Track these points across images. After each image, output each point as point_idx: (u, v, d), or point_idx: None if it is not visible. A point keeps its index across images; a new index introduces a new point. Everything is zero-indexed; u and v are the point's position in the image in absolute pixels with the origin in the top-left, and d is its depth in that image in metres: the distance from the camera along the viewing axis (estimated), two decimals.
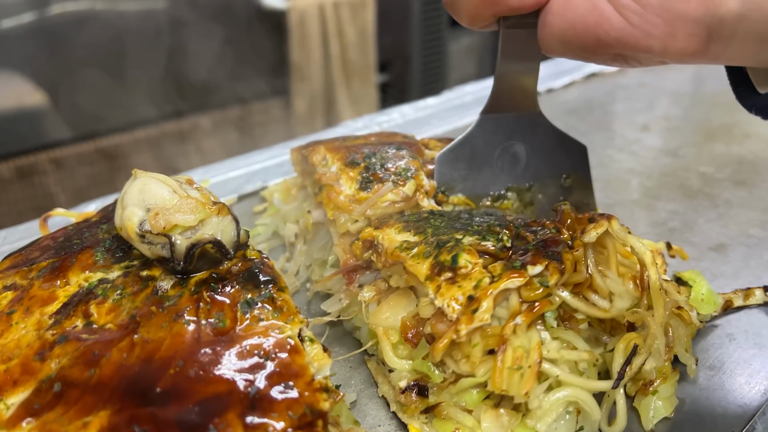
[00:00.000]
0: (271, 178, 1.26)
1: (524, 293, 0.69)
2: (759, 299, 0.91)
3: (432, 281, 0.71)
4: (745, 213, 1.16)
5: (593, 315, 0.73)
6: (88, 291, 0.71)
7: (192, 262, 0.69)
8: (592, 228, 0.75)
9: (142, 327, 0.65)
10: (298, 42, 3.39)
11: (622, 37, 0.59)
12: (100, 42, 2.78)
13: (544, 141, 0.89)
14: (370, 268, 0.83)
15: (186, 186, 0.76)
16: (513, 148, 0.89)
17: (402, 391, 0.73)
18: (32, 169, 2.80)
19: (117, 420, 0.57)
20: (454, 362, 0.70)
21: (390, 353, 0.75)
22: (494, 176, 0.90)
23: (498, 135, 0.87)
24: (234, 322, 0.66)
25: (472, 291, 0.68)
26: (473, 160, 0.89)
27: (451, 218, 0.82)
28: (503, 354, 0.67)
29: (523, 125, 0.87)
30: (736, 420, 0.73)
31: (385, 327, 0.76)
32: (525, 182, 0.91)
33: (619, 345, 0.73)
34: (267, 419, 0.58)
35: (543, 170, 0.91)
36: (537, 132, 0.88)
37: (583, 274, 0.73)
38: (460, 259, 0.72)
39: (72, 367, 0.62)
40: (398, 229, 0.81)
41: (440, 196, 0.90)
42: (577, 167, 0.92)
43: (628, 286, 0.76)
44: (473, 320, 0.67)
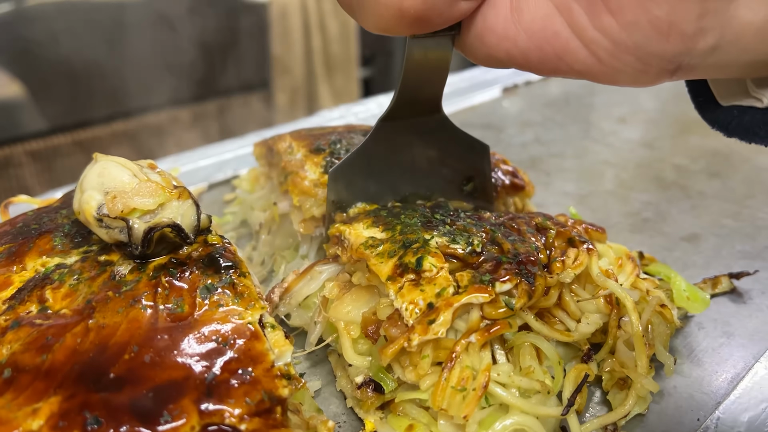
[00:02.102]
0: (242, 167, 1.24)
1: (486, 310, 0.67)
2: (725, 287, 0.91)
3: (393, 282, 0.69)
4: (718, 204, 1.17)
5: (555, 338, 0.71)
6: (45, 276, 0.69)
7: (150, 247, 0.68)
8: (571, 266, 0.72)
9: (98, 312, 0.64)
10: (280, 35, 3.36)
11: (587, 71, 0.54)
12: (77, 33, 2.74)
13: (447, 144, 0.84)
14: (337, 261, 0.81)
15: (147, 170, 0.74)
16: (413, 154, 0.84)
17: (358, 387, 0.71)
18: (8, 162, 2.76)
19: (68, 406, 0.56)
20: (401, 368, 0.68)
21: (349, 349, 0.73)
22: (394, 185, 0.85)
23: (398, 142, 0.82)
24: (193, 307, 0.64)
25: (433, 298, 0.66)
26: (371, 170, 0.83)
27: (425, 215, 0.79)
28: (449, 372, 0.64)
29: (424, 130, 0.81)
30: (702, 407, 0.73)
31: (346, 321, 0.74)
32: (426, 189, 0.86)
33: (570, 374, 0.70)
34: (223, 405, 0.57)
35: (444, 175, 0.86)
36: (439, 135, 0.83)
37: (552, 300, 0.71)
38: (425, 262, 0.69)
39: (24, 353, 0.60)
40: (367, 224, 0.78)
41: (338, 215, 0.83)
42: (478, 168, 0.87)
43: (599, 304, 0.74)
44: (428, 331, 0.64)
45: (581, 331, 0.72)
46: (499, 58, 0.58)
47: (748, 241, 1.05)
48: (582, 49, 0.52)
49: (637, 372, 0.70)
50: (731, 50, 0.48)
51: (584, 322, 0.73)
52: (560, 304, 0.73)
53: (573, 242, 0.76)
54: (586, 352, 0.73)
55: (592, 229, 0.83)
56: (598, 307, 0.74)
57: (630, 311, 0.72)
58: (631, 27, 0.48)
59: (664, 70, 0.51)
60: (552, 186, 1.24)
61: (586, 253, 0.74)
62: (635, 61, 0.50)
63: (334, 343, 0.78)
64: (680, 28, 0.47)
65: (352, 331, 0.73)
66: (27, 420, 0.54)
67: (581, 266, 0.73)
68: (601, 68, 0.52)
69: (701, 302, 0.85)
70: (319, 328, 0.79)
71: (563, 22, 0.52)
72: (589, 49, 0.52)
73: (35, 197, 1.02)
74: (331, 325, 0.76)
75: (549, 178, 1.27)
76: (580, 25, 0.51)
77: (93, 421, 0.54)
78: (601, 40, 0.51)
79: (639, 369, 0.71)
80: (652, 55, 0.49)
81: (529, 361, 0.68)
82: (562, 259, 0.73)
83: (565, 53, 0.53)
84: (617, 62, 0.51)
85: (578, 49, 0.52)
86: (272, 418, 0.58)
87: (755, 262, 0.99)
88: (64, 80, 2.75)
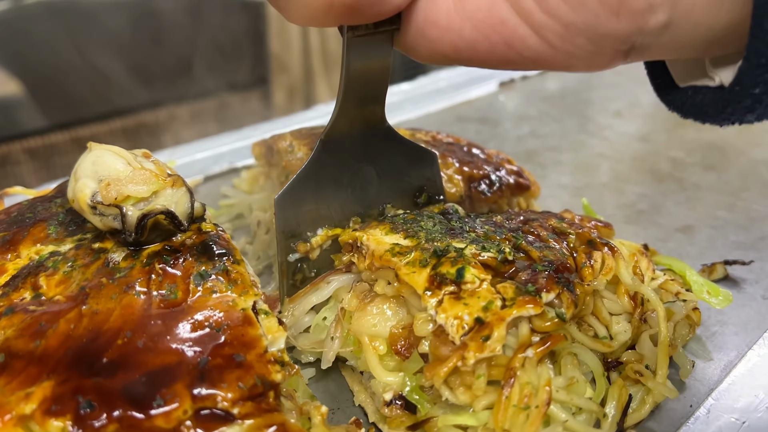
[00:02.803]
0: (238, 160, 1.24)
1: (536, 323, 0.63)
2: (720, 274, 0.91)
3: (432, 294, 0.64)
4: (712, 196, 1.17)
5: (597, 350, 0.68)
6: (39, 264, 0.69)
7: (144, 234, 0.68)
8: (600, 272, 0.70)
9: (92, 298, 0.64)
10: (278, 33, 3.37)
11: (538, 58, 0.52)
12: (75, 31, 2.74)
13: (394, 156, 0.80)
14: (350, 270, 0.77)
15: (141, 159, 0.74)
16: (361, 171, 0.79)
17: (386, 404, 0.67)
18: (6, 159, 2.76)
19: (60, 391, 0.56)
20: (450, 390, 0.63)
21: (378, 366, 0.68)
22: (345, 207, 0.80)
23: (344, 157, 0.77)
24: (186, 294, 0.65)
25: (480, 313, 0.61)
26: (319, 195, 0.78)
27: (443, 222, 0.76)
28: (510, 389, 0.60)
29: (370, 143, 0.77)
30: (695, 394, 0.73)
31: (371, 335, 0.69)
32: (378, 204, 0.82)
33: (613, 392, 0.67)
34: (216, 390, 0.57)
35: (395, 188, 0.82)
36: (386, 148, 0.79)
37: (590, 309, 0.69)
38: (467, 273, 0.64)
39: (17, 338, 0.61)
40: (385, 230, 0.74)
41: (300, 246, 0.78)
42: (429, 177, 0.84)
43: (624, 304, 0.71)
44: (483, 349, 0.60)
45: (619, 340, 0.69)
46: (444, 53, 0.56)
47: (742, 233, 1.05)
48: (531, 35, 0.51)
49: (656, 381, 0.68)
50: (683, 26, 0.47)
51: (619, 329, 0.70)
52: (592, 311, 0.70)
53: (594, 244, 0.72)
54: (613, 362, 0.70)
55: (600, 226, 0.82)
56: (623, 306, 0.71)
57: (660, 319, 0.69)
58: (580, 7, 0.47)
59: (617, 51, 0.50)
60: (548, 179, 1.24)
61: (612, 257, 0.71)
62: (587, 43, 0.49)
63: (354, 358, 0.74)
64: (630, 6, 0.46)
65: (379, 346, 0.69)
66: (20, 404, 0.55)
67: (611, 271, 0.70)
68: (553, 53, 0.51)
69: (724, 297, 0.82)
70: (338, 343, 0.74)
71: (509, 8, 0.50)
72: (539, 35, 0.50)
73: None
74: (350, 338, 0.72)
75: (545, 171, 1.28)
76: (526, 9, 0.49)
77: (86, 405, 0.54)
78: (550, 23, 0.49)
79: (658, 378, 0.68)
80: (604, 35, 0.48)
81: (572, 372, 0.66)
82: (591, 264, 0.70)
83: (513, 40, 0.51)
84: (569, 46, 0.50)
85: (527, 35, 0.51)
86: (265, 402, 0.58)
87: (749, 253, 0.99)
88: (62, 78, 2.75)
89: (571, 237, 0.73)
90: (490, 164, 0.98)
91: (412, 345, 0.67)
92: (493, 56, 0.53)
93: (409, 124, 1.48)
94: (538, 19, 0.49)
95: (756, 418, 0.70)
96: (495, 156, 1.02)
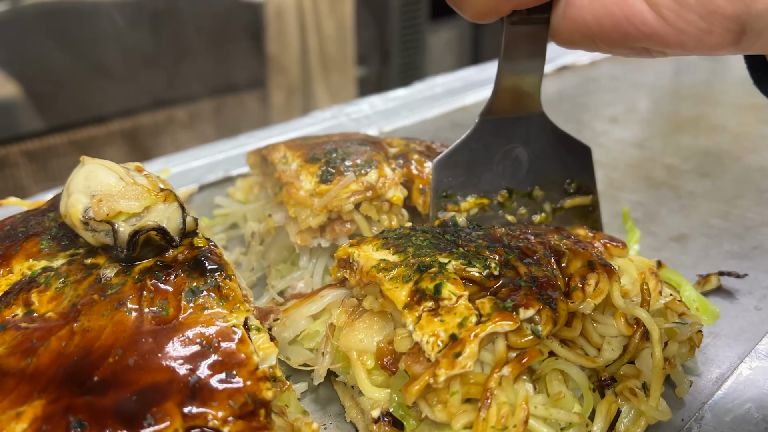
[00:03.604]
0: (234, 168, 1.24)
1: (512, 339, 0.63)
2: (714, 284, 0.92)
3: (410, 310, 0.64)
4: (707, 204, 1.17)
5: (581, 364, 0.68)
6: (31, 279, 0.69)
7: (136, 250, 0.68)
8: (591, 295, 0.69)
9: (83, 315, 0.64)
10: (276, 34, 3.36)
11: (654, 33, 0.58)
12: (73, 33, 2.74)
13: (547, 143, 0.85)
14: (344, 286, 0.78)
15: (134, 173, 0.74)
16: (514, 151, 0.85)
17: (374, 421, 0.67)
18: (3, 162, 2.76)
19: (51, 410, 0.56)
20: (429, 407, 0.63)
21: (366, 381, 0.68)
22: (494, 181, 0.86)
23: (498, 138, 0.83)
24: (177, 310, 0.65)
25: (455, 329, 0.61)
26: (472, 165, 0.85)
27: (435, 236, 0.76)
28: (487, 410, 0.60)
29: (524, 127, 0.83)
30: (686, 407, 0.74)
31: (359, 350, 0.69)
32: (526, 186, 0.88)
33: (602, 407, 0.67)
34: (206, 408, 0.57)
35: (546, 174, 0.88)
36: (539, 134, 0.84)
37: (576, 331, 0.68)
38: (444, 289, 0.65)
39: (8, 356, 0.61)
40: (376, 246, 0.74)
41: (450, 207, 0.85)
42: (581, 170, 0.90)
43: (620, 326, 0.70)
44: (454, 366, 0.60)
45: (605, 357, 0.69)
46: (581, 31, 0.63)
47: (736, 241, 1.05)
48: (648, 11, 0.57)
49: (648, 404, 0.68)
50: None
51: (607, 348, 0.69)
52: (582, 333, 0.69)
53: (593, 265, 0.72)
54: (606, 379, 0.70)
55: (611, 245, 0.81)
56: (619, 329, 0.70)
57: (655, 342, 0.68)
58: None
59: (728, 32, 0.54)
60: None
61: (607, 279, 0.70)
62: (698, 19, 0.54)
63: (344, 374, 0.74)
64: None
65: (367, 361, 0.69)
66: (11, 423, 0.55)
67: (602, 294, 0.69)
68: (667, 29, 0.57)
69: (710, 315, 0.84)
70: (329, 359, 0.74)
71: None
72: (655, 10, 0.56)
73: (30, 197, 1.02)
74: (340, 354, 0.72)
75: None
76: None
77: (77, 424, 0.54)
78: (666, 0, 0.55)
79: (651, 401, 0.68)
80: (714, 13, 0.53)
81: (557, 387, 0.66)
82: (581, 286, 0.70)
83: (633, 16, 0.58)
84: (681, 21, 0.55)
85: (645, 10, 0.57)
86: (256, 420, 0.58)
87: (743, 262, 0.99)
88: (60, 80, 2.75)
89: (564, 257, 0.73)
90: None
91: (398, 359, 0.67)
92: (617, 31, 0.60)
93: (405, 130, 1.48)
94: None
95: (747, 431, 0.70)
96: None
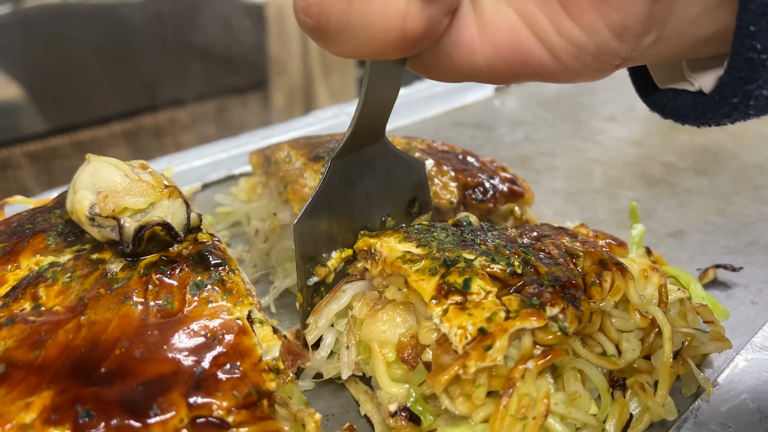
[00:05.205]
0: (236, 167, 1.26)
1: (539, 335, 0.64)
2: (710, 278, 0.93)
3: (438, 302, 0.65)
4: (704, 201, 1.18)
5: (602, 366, 0.69)
6: (38, 274, 0.71)
7: (141, 245, 0.69)
8: (609, 292, 0.71)
9: (90, 309, 0.65)
10: (277, 35, 3.38)
11: (548, 73, 0.56)
12: (75, 35, 2.75)
13: (390, 168, 0.81)
14: (364, 277, 0.78)
15: (139, 170, 0.76)
16: (365, 185, 0.80)
17: (391, 415, 0.68)
18: (6, 163, 2.77)
19: (60, 400, 0.57)
20: (450, 399, 0.64)
21: (384, 374, 0.69)
22: (353, 223, 0.81)
23: (351, 176, 0.78)
24: (182, 304, 0.66)
25: (484, 324, 0.62)
26: (332, 213, 0.79)
27: (455, 234, 0.77)
28: (508, 399, 0.61)
29: (370, 159, 0.78)
30: (682, 398, 0.75)
31: (381, 342, 0.70)
32: (380, 217, 0.83)
33: (614, 410, 0.68)
34: (211, 399, 0.58)
35: (392, 200, 0.84)
36: (383, 161, 0.80)
37: (596, 326, 0.69)
38: (473, 284, 0.66)
39: (17, 349, 0.62)
40: (398, 238, 0.75)
41: (318, 269, 0.79)
42: (418, 186, 0.86)
43: (637, 320, 0.71)
44: (485, 358, 0.61)
45: (627, 358, 0.70)
46: (463, 72, 0.58)
47: (732, 237, 1.07)
48: (546, 55, 0.55)
49: (655, 401, 0.69)
50: (671, 38, 0.52)
51: (627, 347, 0.70)
52: (600, 328, 0.70)
53: (605, 264, 0.73)
54: (619, 379, 0.71)
55: (613, 244, 0.83)
56: (635, 323, 0.71)
57: (665, 340, 0.69)
58: (591, 31, 0.52)
59: (614, 66, 0.55)
60: (541, 184, 1.25)
61: (622, 278, 0.72)
62: (593, 61, 0.54)
63: (364, 365, 0.75)
64: (631, 30, 0.50)
65: (388, 354, 0.70)
66: (20, 413, 0.56)
67: (620, 293, 0.71)
68: (563, 69, 0.55)
69: (721, 313, 0.84)
70: (354, 351, 0.75)
71: (527, 30, 0.55)
72: (553, 54, 0.54)
73: (32, 198, 1.04)
74: (363, 345, 0.73)
75: (538, 176, 1.29)
76: (543, 31, 0.54)
77: (84, 414, 0.56)
78: (564, 44, 0.53)
79: (658, 398, 0.69)
80: (608, 54, 0.53)
81: (574, 386, 0.66)
82: (599, 283, 0.71)
83: (530, 60, 0.55)
84: (577, 63, 0.54)
85: (543, 55, 0.55)
86: (259, 410, 0.59)
87: (739, 258, 1.01)
88: (63, 81, 2.76)
89: (580, 259, 0.74)
90: (484, 172, 0.99)
91: (419, 353, 0.68)
92: (509, 71, 0.58)
93: (405, 129, 1.49)
94: (554, 41, 0.54)
95: (742, 422, 0.71)
96: (490, 164, 1.03)
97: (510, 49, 0.56)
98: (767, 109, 0.52)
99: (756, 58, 0.47)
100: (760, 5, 0.45)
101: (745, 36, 0.47)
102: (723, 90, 0.52)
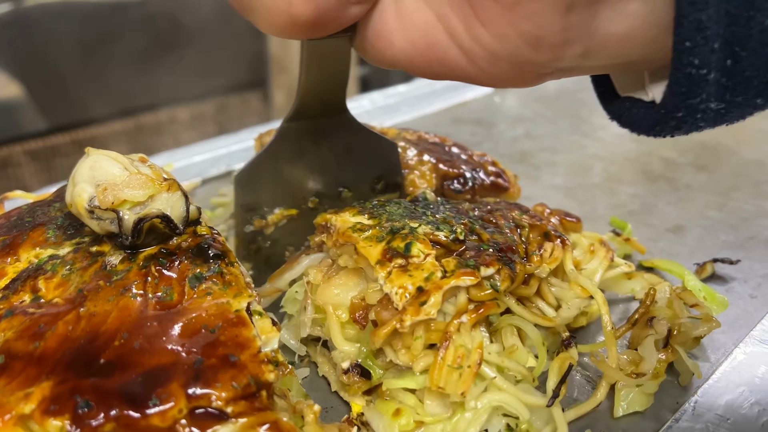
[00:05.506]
0: (236, 163, 1.26)
1: (473, 293, 0.70)
2: (709, 272, 0.93)
3: (382, 266, 0.71)
4: (704, 196, 1.18)
5: (538, 323, 0.73)
6: (38, 267, 0.71)
7: (140, 237, 0.69)
8: (547, 260, 0.75)
9: (89, 301, 0.65)
10: None
11: (467, 76, 0.57)
12: (76, 33, 2.75)
13: (354, 143, 0.85)
14: (321, 250, 0.83)
15: (138, 163, 0.76)
16: (320, 155, 0.84)
17: (344, 372, 0.73)
18: (6, 161, 2.78)
19: (59, 391, 0.57)
20: (393, 352, 0.70)
21: (338, 334, 0.74)
22: (303, 186, 0.86)
23: (304, 142, 0.82)
24: (181, 296, 0.66)
25: (422, 282, 0.68)
26: (278, 172, 0.84)
27: (407, 207, 0.82)
28: (445, 351, 0.67)
29: (330, 129, 0.82)
30: (680, 391, 0.75)
31: (334, 304, 0.75)
32: (335, 188, 0.87)
33: (554, 364, 0.72)
34: (210, 390, 0.58)
35: (353, 174, 0.87)
36: (344, 135, 0.84)
37: (533, 290, 0.74)
38: (413, 247, 0.71)
39: (17, 340, 0.62)
40: (353, 212, 0.80)
41: (256, 221, 0.85)
42: (388, 167, 0.89)
43: (577, 291, 0.77)
44: (419, 312, 0.67)
45: (563, 315, 0.75)
46: (389, 62, 0.60)
47: (731, 232, 1.07)
48: (462, 57, 0.54)
49: (607, 365, 0.72)
50: (602, 54, 0.51)
51: (565, 307, 0.75)
52: (539, 293, 0.75)
53: (549, 236, 0.78)
54: (566, 339, 0.75)
55: (567, 220, 0.86)
56: (576, 293, 0.76)
57: (600, 305, 0.74)
58: (502, 39, 0.51)
59: (540, 74, 0.54)
60: (540, 180, 1.26)
61: (561, 248, 0.77)
62: (511, 68, 0.53)
63: (320, 326, 0.79)
64: (547, 41, 0.49)
65: (342, 315, 0.75)
66: (19, 404, 0.56)
67: (556, 261, 0.76)
68: (481, 73, 0.55)
69: (719, 303, 0.86)
70: (311, 310, 0.79)
71: (443, 30, 0.54)
72: (468, 57, 0.54)
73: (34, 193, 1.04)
74: (319, 309, 0.77)
75: (538, 172, 1.29)
76: (457, 34, 0.53)
77: (83, 404, 0.56)
78: (477, 49, 0.53)
79: (609, 361, 0.73)
80: (525, 62, 0.52)
81: (512, 340, 0.71)
82: (540, 253, 0.76)
83: (446, 60, 0.55)
84: (494, 68, 0.54)
85: (458, 56, 0.55)
86: (258, 401, 0.59)
87: (738, 252, 1.01)
88: (63, 80, 2.77)
89: (525, 230, 0.79)
90: (468, 164, 1.00)
91: (368, 313, 0.73)
92: (429, 70, 0.58)
93: (405, 125, 1.49)
94: (467, 45, 0.53)
95: (740, 414, 0.71)
96: (479, 158, 1.03)
97: (426, 47, 0.56)
98: (719, 121, 0.51)
99: (695, 74, 0.46)
100: (693, 21, 0.44)
101: (681, 52, 0.46)
102: (667, 104, 0.51)
